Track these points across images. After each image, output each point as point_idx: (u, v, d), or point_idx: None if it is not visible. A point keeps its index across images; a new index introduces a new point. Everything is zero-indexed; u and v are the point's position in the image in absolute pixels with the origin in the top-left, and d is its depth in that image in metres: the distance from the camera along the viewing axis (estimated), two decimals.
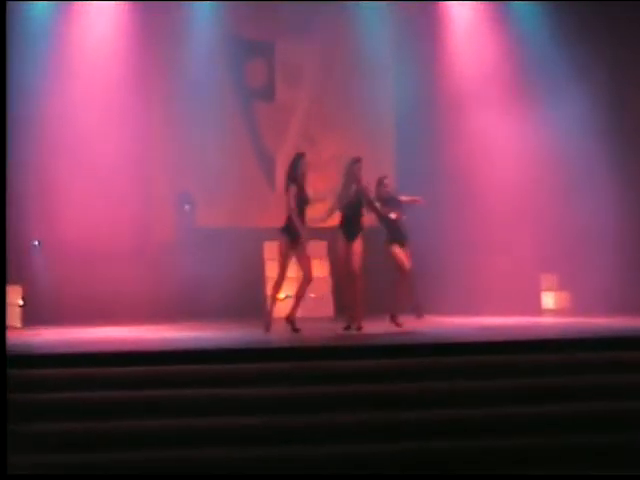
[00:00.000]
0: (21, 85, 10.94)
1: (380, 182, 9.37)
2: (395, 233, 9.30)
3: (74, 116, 11.40)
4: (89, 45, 11.71)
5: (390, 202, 9.33)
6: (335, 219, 9.11)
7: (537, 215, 11.62)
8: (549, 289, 11.90)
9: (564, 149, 11.54)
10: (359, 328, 8.74)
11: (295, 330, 8.74)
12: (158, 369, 6.33)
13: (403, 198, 9.44)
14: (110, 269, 11.23)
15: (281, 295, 10.73)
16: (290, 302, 9.46)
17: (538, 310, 11.61)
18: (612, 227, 11.24)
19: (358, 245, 8.86)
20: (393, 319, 9.10)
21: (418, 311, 9.26)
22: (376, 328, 8.77)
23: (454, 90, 12.08)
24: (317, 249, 11.66)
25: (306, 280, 8.87)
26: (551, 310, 11.66)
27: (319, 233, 10.70)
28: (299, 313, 11.51)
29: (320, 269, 12.01)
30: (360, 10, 12.26)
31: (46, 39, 11.48)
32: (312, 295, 11.61)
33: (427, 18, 12.28)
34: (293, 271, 11.85)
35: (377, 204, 9.19)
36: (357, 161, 9.07)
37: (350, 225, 8.92)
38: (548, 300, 11.87)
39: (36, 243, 11.22)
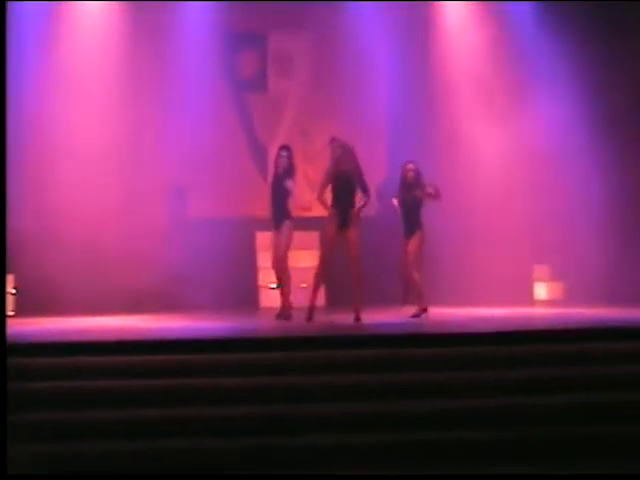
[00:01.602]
0: (12, 83, 10.95)
1: (403, 167, 9.46)
2: (403, 223, 9.37)
3: (66, 109, 11.35)
4: (81, 38, 11.68)
5: (414, 187, 9.32)
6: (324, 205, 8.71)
7: (530, 206, 11.65)
8: (541, 280, 11.94)
9: (557, 142, 11.57)
10: (358, 319, 8.45)
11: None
12: (152, 358, 6.31)
13: (428, 186, 9.38)
14: (102, 259, 11.20)
15: (272, 285, 10.77)
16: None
17: (531, 301, 11.66)
18: (605, 218, 11.28)
19: (354, 232, 8.51)
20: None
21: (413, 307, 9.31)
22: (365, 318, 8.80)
23: (448, 85, 12.12)
24: (308, 239, 11.67)
25: None
26: (543, 301, 11.71)
27: (310, 222, 10.72)
28: (293, 302, 11.59)
29: (312, 259, 12.02)
30: (354, 4, 12.25)
31: (38, 36, 11.47)
32: (304, 285, 11.63)
33: (422, 14, 12.29)
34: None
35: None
36: (332, 141, 8.73)
37: (343, 208, 8.51)
38: (540, 291, 11.92)
39: None
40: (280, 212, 9.12)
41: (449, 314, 9.54)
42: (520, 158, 11.61)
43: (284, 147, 9.29)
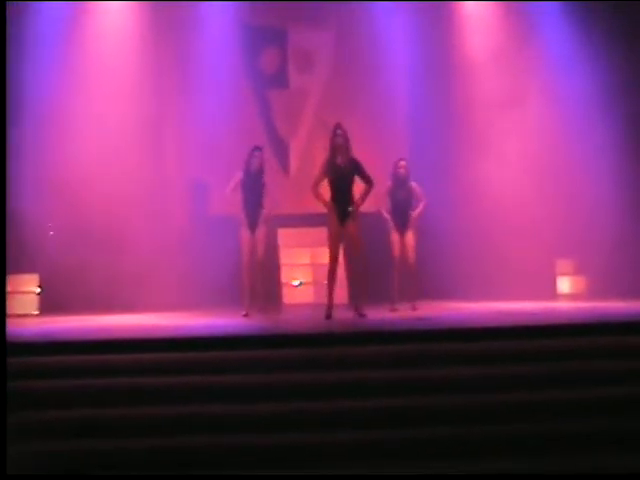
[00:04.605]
0: (36, 82, 11.08)
1: (395, 163, 9.62)
2: (395, 218, 9.54)
3: (87, 108, 11.41)
4: (102, 36, 11.78)
5: (401, 184, 9.56)
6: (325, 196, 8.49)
7: (553, 200, 11.57)
8: (565, 274, 11.86)
9: (581, 137, 11.51)
10: (362, 315, 8.43)
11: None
12: (173, 356, 6.33)
13: (414, 185, 9.62)
14: (123, 256, 11.26)
15: (295, 282, 10.79)
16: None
17: (554, 295, 11.60)
18: (628, 212, 11.21)
19: (352, 226, 8.33)
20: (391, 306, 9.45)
21: (411, 303, 9.53)
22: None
23: (469, 81, 12.08)
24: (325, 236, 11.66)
25: None
26: (567, 295, 11.64)
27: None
28: (313, 299, 11.60)
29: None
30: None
31: (58, 35, 11.54)
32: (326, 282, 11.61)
33: (443, 11, 12.26)
34: (308, 257, 11.93)
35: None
36: (336, 128, 8.42)
37: (342, 202, 8.34)
38: (564, 285, 11.84)
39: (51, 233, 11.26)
40: (257, 212, 9.27)
41: (470, 309, 9.51)
42: (543, 154, 11.55)
43: (257, 147, 9.49)
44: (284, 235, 12.06)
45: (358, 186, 8.53)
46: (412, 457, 5.37)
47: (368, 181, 8.44)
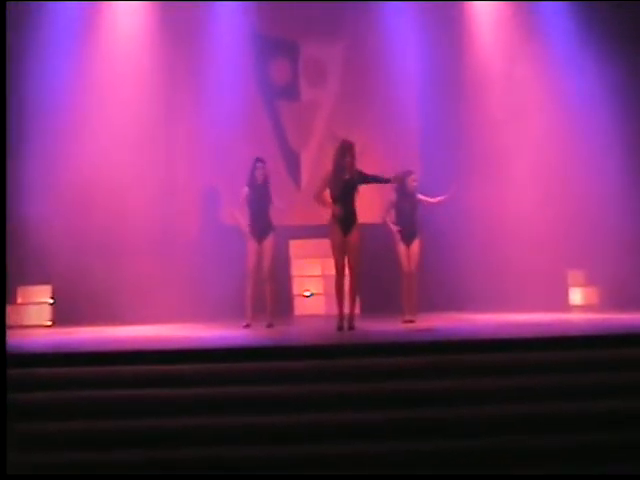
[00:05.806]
0: (45, 85, 11.13)
1: (406, 176, 9.51)
2: (402, 230, 9.48)
3: (99, 112, 11.48)
4: (116, 40, 11.85)
5: (409, 196, 9.54)
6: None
7: (564, 212, 11.52)
8: (577, 285, 11.81)
9: (590, 147, 11.47)
10: (352, 327, 8.41)
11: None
12: (185, 367, 6.32)
13: (421, 197, 9.63)
14: (134, 266, 11.27)
15: (306, 293, 10.78)
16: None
17: (566, 306, 11.55)
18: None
19: (355, 237, 8.35)
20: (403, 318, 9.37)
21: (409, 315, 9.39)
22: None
23: (480, 93, 12.07)
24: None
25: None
26: (579, 306, 11.59)
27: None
28: (324, 310, 11.59)
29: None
30: (385, 13, 12.26)
31: (70, 37, 11.59)
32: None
33: (454, 24, 12.27)
34: (319, 269, 11.93)
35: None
36: (352, 148, 8.40)
37: (345, 215, 8.34)
38: (575, 296, 11.79)
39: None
40: (265, 223, 9.37)
41: (486, 320, 9.49)
42: (555, 163, 11.50)
43: (260, 159, 9.56)
44: (295, 246, 12.09)
45: (361, 198, 8.55)
46: (420, 469, 5.35)
47: (381, 179, 8.57)
